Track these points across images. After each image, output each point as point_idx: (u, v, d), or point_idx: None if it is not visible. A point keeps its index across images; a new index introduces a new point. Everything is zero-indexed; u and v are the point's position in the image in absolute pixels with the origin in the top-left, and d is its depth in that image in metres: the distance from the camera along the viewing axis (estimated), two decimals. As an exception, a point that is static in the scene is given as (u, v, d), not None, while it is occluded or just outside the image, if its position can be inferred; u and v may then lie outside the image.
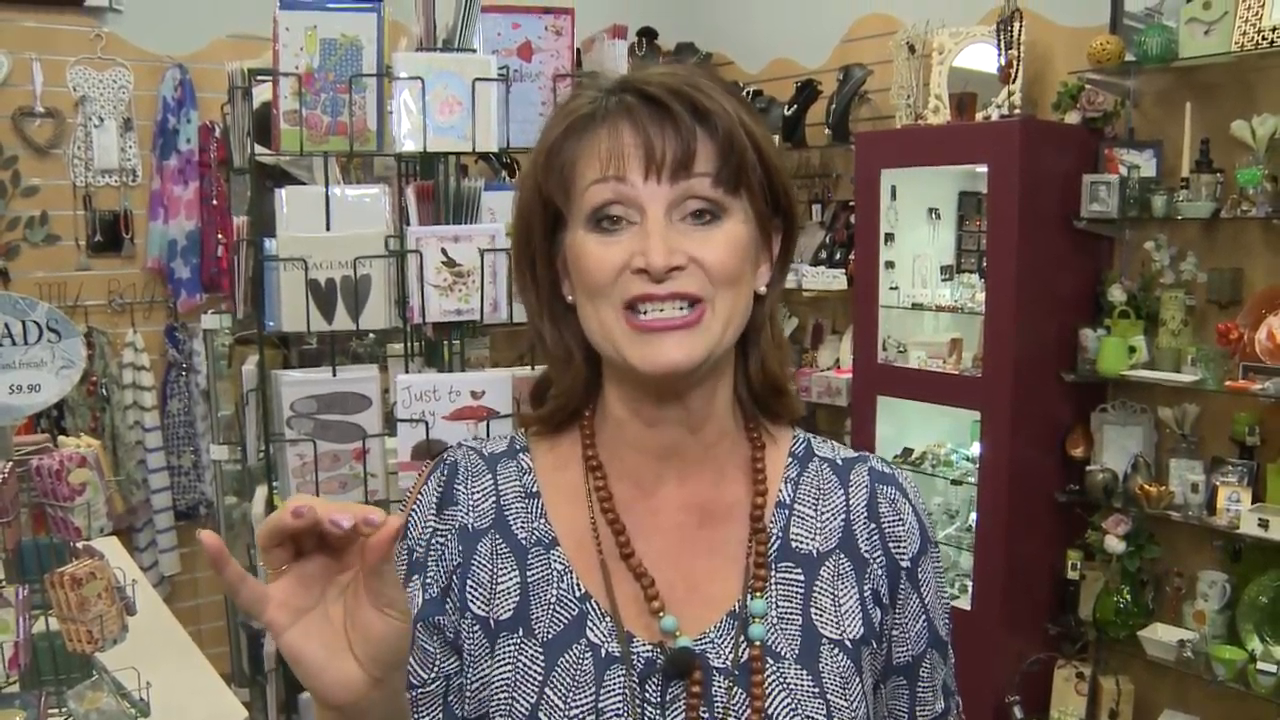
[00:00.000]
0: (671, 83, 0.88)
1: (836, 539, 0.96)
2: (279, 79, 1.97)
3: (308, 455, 2.03)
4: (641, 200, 0.86)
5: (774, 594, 0.93)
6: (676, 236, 0.86)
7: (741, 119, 0.88)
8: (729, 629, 0.91)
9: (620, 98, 0.89)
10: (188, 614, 4.10)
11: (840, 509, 0.97)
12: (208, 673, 2.24)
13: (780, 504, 0.96)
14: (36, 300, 1.65)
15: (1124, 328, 3.24)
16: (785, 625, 0.92)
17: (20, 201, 4.01)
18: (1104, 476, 3.26)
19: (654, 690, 0.89)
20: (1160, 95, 3.26)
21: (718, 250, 0.87)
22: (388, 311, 2.05)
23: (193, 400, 4.31)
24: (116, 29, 4.12)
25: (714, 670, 0.90)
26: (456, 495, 0.97)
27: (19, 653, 1.52)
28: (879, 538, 0.97)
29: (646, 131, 0.86)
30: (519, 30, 2.02)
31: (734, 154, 0.87)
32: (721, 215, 0.88)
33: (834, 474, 0.99)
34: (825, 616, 0.93)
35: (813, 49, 4.40)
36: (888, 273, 3.72)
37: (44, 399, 1.65)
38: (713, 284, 0.87)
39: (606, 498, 0.95)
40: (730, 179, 0.87)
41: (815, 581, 0.94)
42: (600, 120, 0.89)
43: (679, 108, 0.86)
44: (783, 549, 0.95)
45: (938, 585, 1.00)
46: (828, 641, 0.92)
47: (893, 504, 0.98)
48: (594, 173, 0.88)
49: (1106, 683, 3.33)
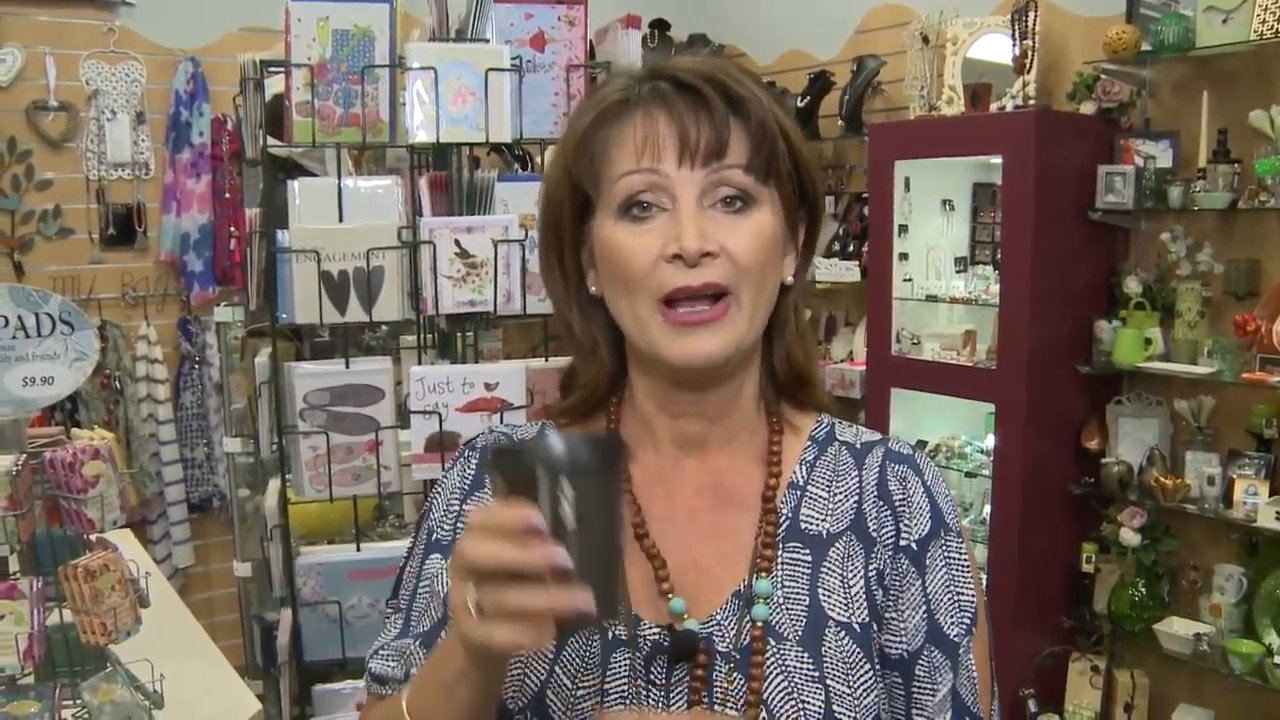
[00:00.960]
0: (705, 70, 0.89)
1: (848, 520, 0.94)
2: (291, 70, 1.96)
3: (321, 447, 2.02)
4: (674, 187, 0.87)
5: (780, 574, 0.91)
6: (708, 223, 0.87)
7: (773, 109, 0.89)
8: (734, 610, 0.91)
9: (654, 85, 0.89)
10: (201, 606, 4.12)
11: (853, 490, 0.95)
12: (221, 665, 2.25)
13: (793, 485, 0.95)
14: (49, 292, 1.65)
15: (1140, 319, 3.21)
16: (791, 605, 0.90)
17: (34, 195, 4.02)
18: (1119, 469, 3.23)
19: (659, 672, 0.89)
20: (1177, 85, 3.23)
21: (747, 238, 0.87)
22: (400, 303, 2.05)
23: (206, 393, 4.33)
24: (129, 22, 4.13)
25: (718, 654, 0.89)
26: (483, 479, 0.99)
27: (33, 645, 1.52)
28: (889, 515, 0.93)
29: (681, 118, 0.87)
30: (531, 21, 2.01)
31: (766, 142, 0.88)
32: (751, 204, 0.88)
33: (851, 456, 0.97)
34: (834, 598, 0.91)
35: (826, 40, 4.38)
36: (901, 264, 3.70)
37: (57, 391, 1.65)
38: (739, 274, 0.87)
39: (626, 479, 0.95)
40: (761, 167, 0.88)
41: (824, 562, 0.92)
42: (634, 107, 0.89)
43: (713, 94, 0.87)
44: (791, 529, 0.93)
45: (951, 577, 0.93)
46: (834, 623, 0.90)
47: (902, 481, 0.95)
48: (628, 161, 0.88)
49: (1121, 676, 3.32)
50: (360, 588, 2.09)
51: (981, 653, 0.95)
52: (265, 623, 2.62)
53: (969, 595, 0.94)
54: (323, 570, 2.08)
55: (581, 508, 0.67)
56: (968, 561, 0.94)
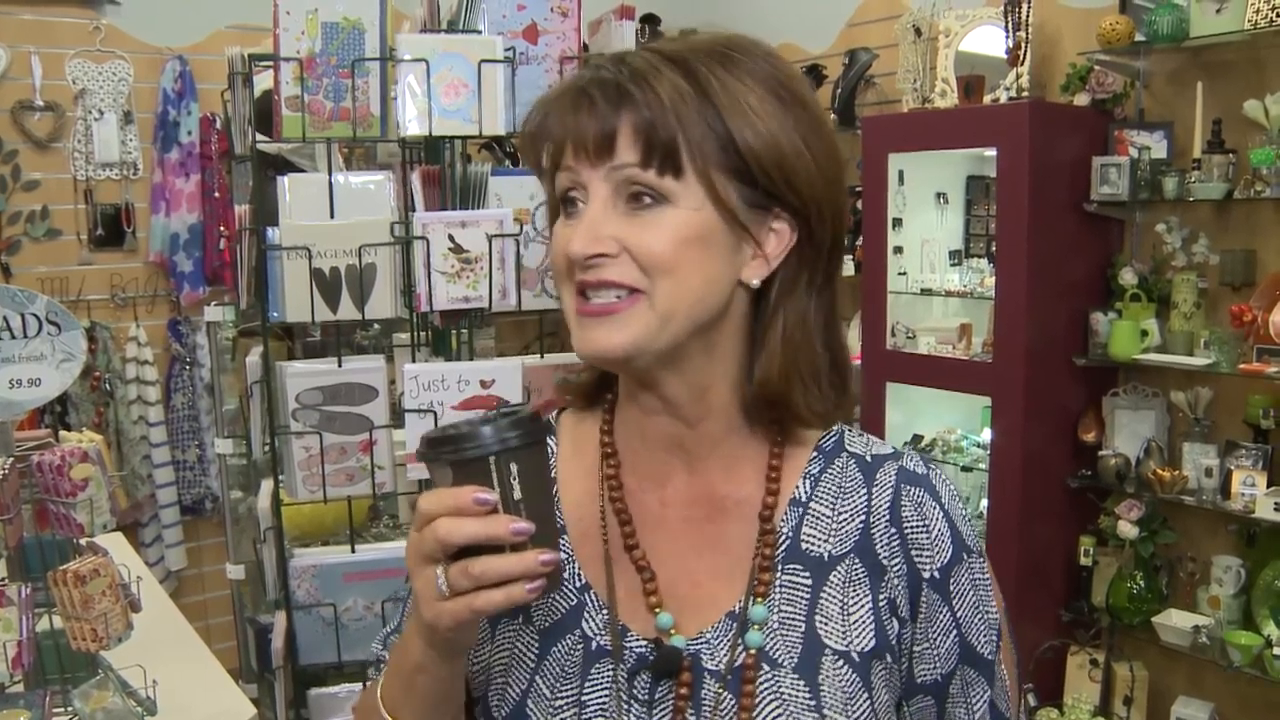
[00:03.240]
0: (608, 72, 0.85)
1: (852, 542, 0.89)
2: (280, 64, 1.94)
3: (314, 448, 2.00)
4: (589, 184, 0.85)
5: (777, 598, 0.88)
6: (614, 221, 0.84)
7: (688, 100, 0.82)
8: (726, 631, 0.88)
9: (579, 84, 0.87)
10: (194, 609, 4.10)
11: (860, 510, 0.90)
12: (215, 669, 2.22)
13: (795, 501, 0.91)
14: (36, 293, 1.62)
15: (1135, 311, 3.21)
16: (786, 632, 0.87)
17: (21, 196, 3.99)
18: (1116, 461, 3.23)
19: (642, 687, 0.88)
20: (1171, 75, 3.22)
21: (650, 237, 0.83)
22: (393, 300, 2.02)
23: (197, 394, 4.30)
24: (116, 20, 4.09)
25: (706, 672, 0.87)
26: None
27: (23, 652, 1.49)
28: (899, 544, 0.89)
29: (576, 118, 0.84)
30: (524, 12, 1.98)
31: (660, 138, 0.82)
32: (663, 202, 0.83)
33: (859, 471, 0.92)
34: (831, 625, 0.87)
35: (817, 33, 4.36)
36: (896, 258, 3.69)
37: (45, 393, 1.62)
38: (646, 273, 0.83)
39: (616, 487, 0.94)
40: (661, 163, 0.82)
41: (824, 587, 0.88)
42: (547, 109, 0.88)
43: (597, 94, 0.84)
44: (791, 550, 0.90)
45: (978, 599, 0.91)
46: (831, 652, 0.87)
47: (918, 507, 0.90)
48: (549, 160, 0.88)
49: (1120, 669, 3.31)
50: (356, 589, 2.07)
51: (1008, 657, 0.94)
52: (259, 626, 2.59)
53: (994, 612, 0.93)
54: (318, 572, 2.06)
55: (525, 481, 0.76)
56: (989, 580, 0.93)
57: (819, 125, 0.88)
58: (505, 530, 0.75)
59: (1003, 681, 0.93)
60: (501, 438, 0.76)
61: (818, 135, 0.87)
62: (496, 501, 0.76)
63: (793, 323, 0.89)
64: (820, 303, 0.91)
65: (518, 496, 0.76)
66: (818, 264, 0.90)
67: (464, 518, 0.75)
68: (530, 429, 0.77)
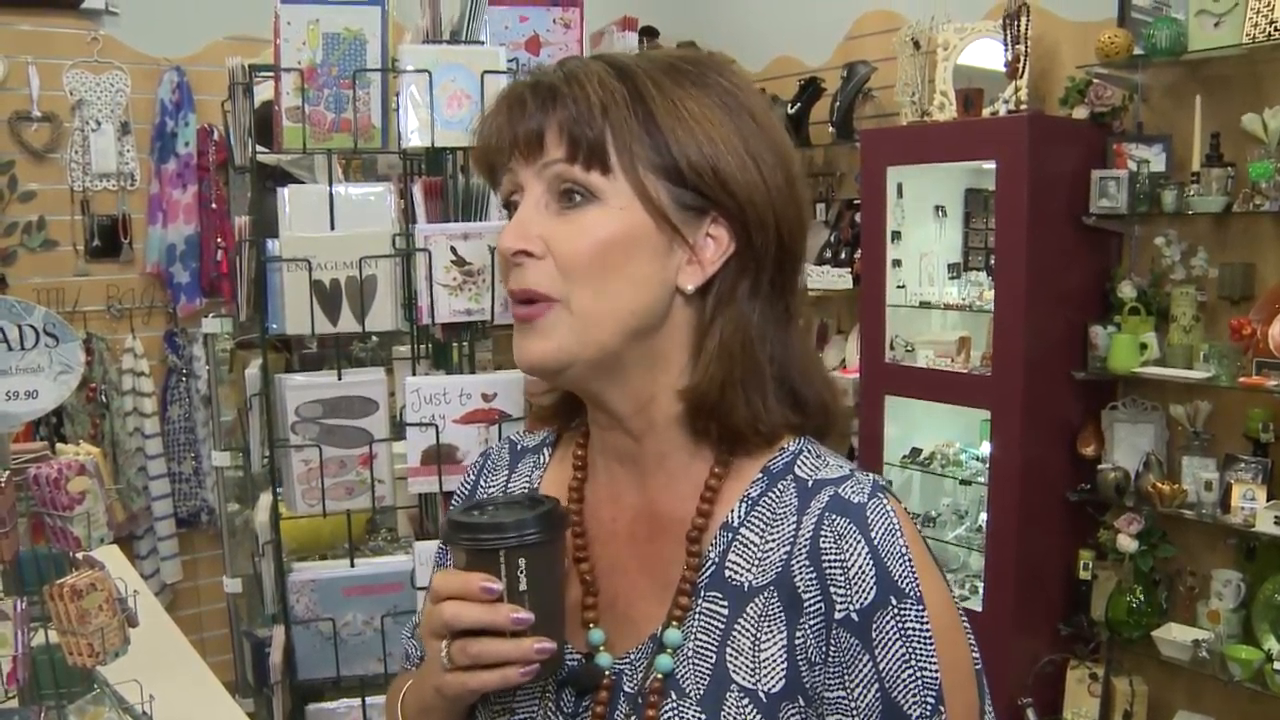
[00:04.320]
0: (544, 76, 0.86)
1: (774, 573, 0.83)
2: (281, 75, 1.93)
3: (313, 461, 1.99)
4: (523, 183, 0.86)
5: (694, 625, 0.85)
6: (544, 221, 0.84)
7: (620, 100, 0.82)
8: (646, 653, 0.87)
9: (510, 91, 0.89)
10: (190, 622, 4.07)
11: (787, 539, 0.84)
12: (212, 684, 2.20)
13: (725, 525, 0.87)
14: (33, 304, 1.61)
15: (1134, 324, 3.21)
16: (697, 661, 0.84)
17: (17, 206, 3.97)
18: (1115, 475, 3.22)
19: (568, 701, 0.89)
20: (1169, 89, 3.22)
21: (574, 237, 0.83)
22: (394, 313, 2.01)
23: (193, 406, 4.29)
24: (113, 31, 4.09)
25: (622, 693, 0.87)
26: (478, 488, 1.05)
27: (18, 667, 1.47)
28: (815, 578, 0.82)
29: (509, 117, 0.86)
30: (527, 23, 1.98)
31: (587, 135, 0.82)
32: (590, 200, 0.83)
33: (796, 496, 0.86)
34: (740, 660, 0.83)
35: (816, 46, 4.37)
36: (894, 271, 3.68)
37: (42, 405, 1.61)
38: (565, 277, 0.83)
39: (577, 500, 0.95)
40: (587, 158, 0.82)
41: (739, 619, 0.84)
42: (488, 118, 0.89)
43: (529, 96, 0.85)
44: (715, 577, 0.86)
45: (909, 651, 0.80)
46: (737, 688, 0.82)
47: (839, 539, 0.82)
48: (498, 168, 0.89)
49: (1120, 684, 3.30)
50: (355, 604, 2.05)
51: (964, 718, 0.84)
52: (256, 640, 2.57)
53: (932, 670, 0.81)
54: (317, 587, 2.05)
55: (531, 574, 0.81)
56: (930, 632, 0.81)
57: (768, 136, 0.87)
58: (505, 619, 0.80)
59: None
60: (516, 533, 0.81)
61: (765, 145, 0.86)
62: (502, 591, 0.81)
63: (729, 332, 0.86)
64: (768, 313, 0.88)
65: (523, 588, 0.81)
66: (760, 274, 0.87)
67: (470, 603, 0.81)
68: (546, 525, 0.82)
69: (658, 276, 0.84)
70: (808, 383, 0.90)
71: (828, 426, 0.92)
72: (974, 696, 0.86)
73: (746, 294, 0.87)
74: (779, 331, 0.88)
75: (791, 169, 0.88)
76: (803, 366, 0.90)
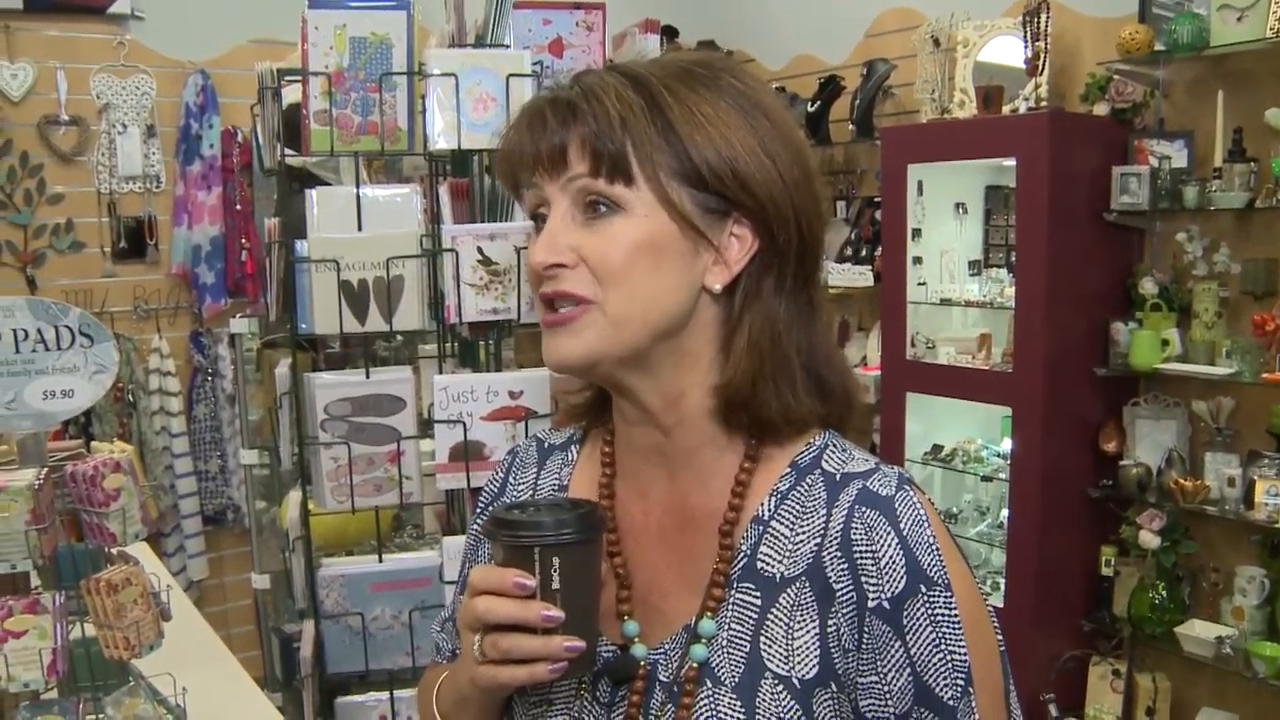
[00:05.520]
0: (562, 92, 0.88)
1: (805, 564, 0.86)
2: (308, 78, 1.96)
3: (342, 458, 2.01)
4: (550, 197, 0.88)
5: (727, 615, 0.88)
6: (572, 232, 0.87)
7: (638, 111, 0.85)
8: (680, 644, 0.89)
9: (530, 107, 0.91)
10: (217, 619, 4.11)
11: (817, 531, 0.87)
12: (242, 678, 2.23)
13: (756, 519, 0.89)
14: (69, 305, 1.64)
15: (1156, 321, 3.20)
16: (731, 651, 0.87)
17: (46, 209, 4.03)
18: (1137, 471, 3.22)
19: (604, 691, 0.91)
20: (1191, 84, 3.22)
21: (604, 245, 0.86)
22: (421, 312, 2.04)
23: (219, 405, 4.33)
24: (139, 36, 4.14)
25: (658, 683, 0.89)
26: (508, 485, 1.07)
27: (57, 659, 1.51)
28: (848, 569, 0.84)
29: (532, 134, 0.88)
30: (550, 26, 2.00)
31: (608, 148, 0.85)
32: (616, 210, 0.86)
33: (825, 490, 0.88)
34: (775, 649, 0.85)
35: (835, 44, 4.38)
36: (915, 268, 3.69)
37: (78, 404, 1.64)
38: (599, 282, 0.86)
39: (608, 495, 0.97)
40: (610, 171, 0.85)
41: (772, 609, 0.86)
42: (511, 132, 0.92)
43: (549, 112, 0.87)
44: (747, 568, 0.88)
45: (939, 636, 0.83)
46: (772, 676, 0.85)
47: (869, 531, 0.84)
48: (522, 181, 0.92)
49: (1143, 680, 3.30)
50: (383, 599, 2.08)
51: (991, 703, 0.86)
52: (285, 635, 2.61)
53: (961, 654, 0.83)
54: (345, 582, 2.07)
55: (565, 573, 0.83)
56: (958, 618, 0.83)
57: (782, 133, 0.89)
58: (536, 616, 0.82)
59: None
60: (552, 531, 0.83)
61: (780, 143, 0.88)
62: (535, 587, 0.83)
63: (758, 327, 0.88)
64: (793, 307, 0.90)
65: (555, 586, 0.83)
66: (784, 269, 0.90)
67: (503, 598, 0.83)
68: (583, 525, 0.84)
69: (685, 279, 0.87)
70: (832, 370, 0.92)
71: (850, 415, 0.95)
72: (1000, 679, 0.88)
73: (772, 289, 0.89)
74: (804, 323, 0.91)
75: (807, 163, 0.90)
76: (827, 355, 0.92)
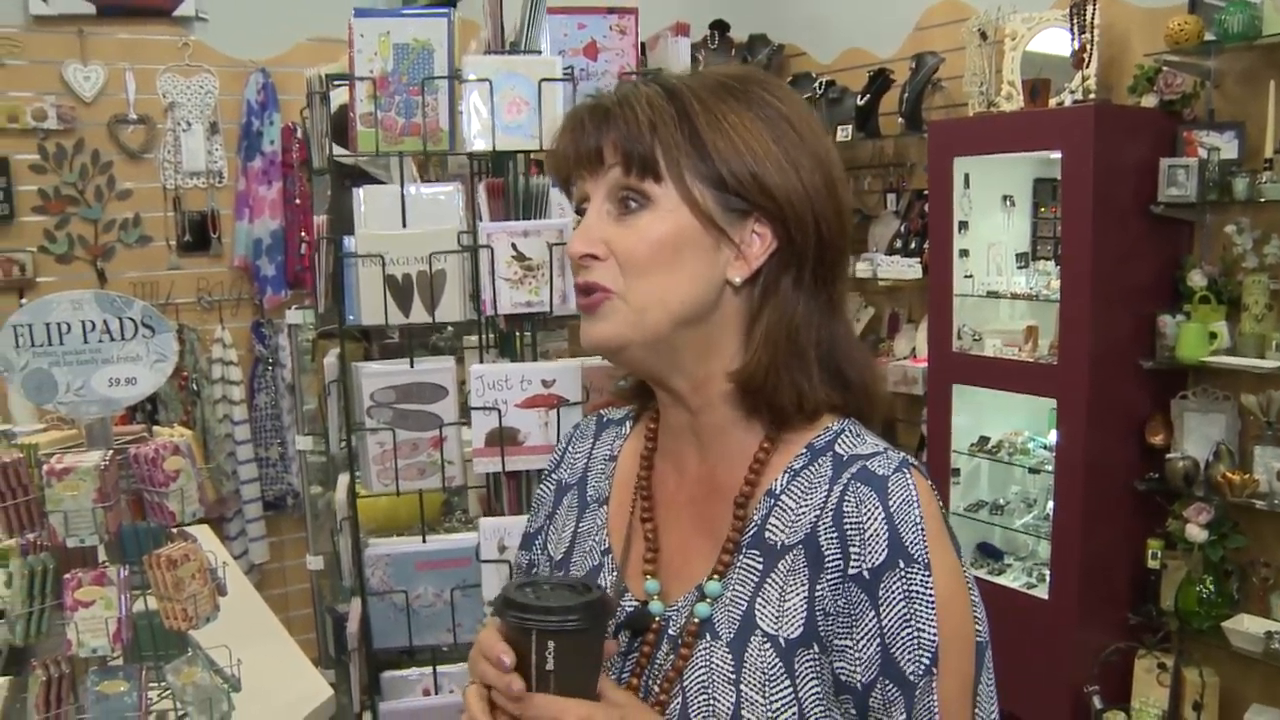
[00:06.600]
0: (600, 100, 0.98)
1: (803, 534, 0.93)
2: (355, 83, 2.05)
3: (387, 443, 2.10)
4: (589, 191, 0.98)
5: (733, 578, 0.96)
6: (606, 225, 0.96)
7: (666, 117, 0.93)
8: (690, 602, 0.97)
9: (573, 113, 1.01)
10: (277, 601, 4.24)
11: (818, 505, 0.93)
12: (295, 653, 2.33)
13: (769, 492, 0.97)
14: (133, 298, 1.74)
15: (1205, 313, 3.18)
16: (731, 609, 0.94)
17: (115, 204, 4.19)
18: (1185, 464, 3.20)
19: (625, 641, 1.00)
20: (1242, 75, 3.18)
21: (628, 241, 0.94)
22: (462, 305, 2.12)
23: (279, 394, 4.45)
24: (203, 37, 4.28)
25: (666, 636, 0.98)
26: (566, 455, 1.18)
27: (121, 628, 1.61)
28: (837, 538, 0.91)
29: (573, 135, 0.98)
30: (584, 30, 2.08)
31: (635, 148, 0.93)
32: (645, 205, 0.94)
33: (831, 468, 0.95)
34: (767, 609, 0.93)
35: (885, 38, 4.38)
36: (962, 261, 3.69)
37: (140, 391, 1.74)
38: (624, 274, 0.94)
39: (646, 467, 1.07)
40: (640, 169, 0.93)
41: (771, 573, 0.94)
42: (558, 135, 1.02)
43: (587, 118, 0.97)
44: (756, 537, 0.96)
45: (910, 612, 0.88)
46: (760, 634, 0.92)
47: (859, 504, 0.91)
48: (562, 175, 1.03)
49: (1190, 674, 3.27)
50: (427, 578, 2.16)
51: (955, 689, 0.90)
52: (337, 615, 2.70)
53: (930, 633, 0.88)
54: (390, 561, 2.16)
55: (560, 657, 0.87)
56: (933, 598, 0.88)
57: (807, 143, 0.96)
58: (506, 688, 0.87)
59: (929, 712, 0.88)
60: (556, 617, 0.87)
61: (803, 152, 0.95)
62: (511, 664, 0.87)
63: (775, 320, 0.96)
64: (812, 303, 0.97)
65: (549, 668, 0.87)
66: (803, 267, 0.96)
67: (488, 664, 0.89)
68: (586, 614, 0.87)
69: (707, 271, 0.94)
70: (851, 364, 0.99)
71: (869, 407, 1.01)
72: (969, 667, 0.92)
73: (790, 286, 0.96)
74: (824, 318, 0.98)
75: (831, 172, 0.97)
76: (846, 350, 0.99)
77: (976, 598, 0.94)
